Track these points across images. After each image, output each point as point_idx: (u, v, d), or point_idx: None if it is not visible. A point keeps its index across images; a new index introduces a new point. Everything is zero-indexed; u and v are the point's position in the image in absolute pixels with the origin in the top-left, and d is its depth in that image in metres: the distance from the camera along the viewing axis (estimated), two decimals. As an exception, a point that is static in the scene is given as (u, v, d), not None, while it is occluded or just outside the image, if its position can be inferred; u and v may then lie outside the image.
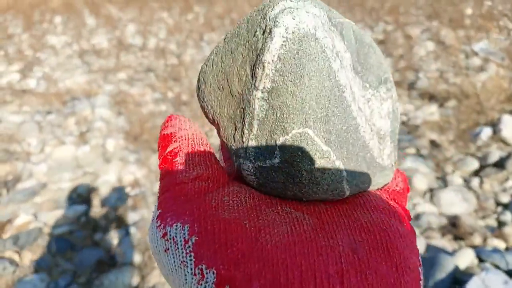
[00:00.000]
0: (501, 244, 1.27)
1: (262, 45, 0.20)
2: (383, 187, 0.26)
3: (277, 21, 0.20)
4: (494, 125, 1.91)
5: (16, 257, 1.35)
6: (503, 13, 4.98)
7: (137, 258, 1.35)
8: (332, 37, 0.21)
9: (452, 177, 1.60)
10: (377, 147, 0.24)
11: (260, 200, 0.21)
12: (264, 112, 0.21)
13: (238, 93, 0.22)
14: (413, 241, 0.21)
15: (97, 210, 1.55)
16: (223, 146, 0.25)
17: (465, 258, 1.18)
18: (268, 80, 0.20)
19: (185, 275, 0.18)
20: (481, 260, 1.19)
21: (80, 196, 1.67)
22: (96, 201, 1.62)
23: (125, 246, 1.40)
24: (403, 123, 2.12)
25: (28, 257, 1.35)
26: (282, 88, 0.20)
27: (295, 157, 0.20)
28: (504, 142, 1.80)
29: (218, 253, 0.17)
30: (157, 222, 0.20)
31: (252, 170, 0.22)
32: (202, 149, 0.24)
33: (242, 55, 0.22)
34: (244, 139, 0.22)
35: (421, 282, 0.20)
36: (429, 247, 1.25)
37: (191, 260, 0.18)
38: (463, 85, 2.44)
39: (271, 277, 0.17)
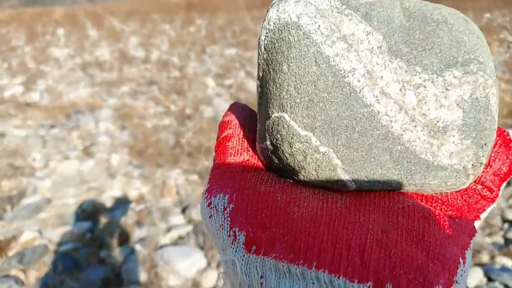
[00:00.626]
0: (509, 262, 1.26)
1: (259, 38, 0.22)
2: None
3: (266, 15, 0.21)
4: (498, 140, 1.92)
5: (21, 276, 1.34)
6: (502, 25, 5.04)
7: (143, 276, 1.35)
8: (336, 21, 0.20)
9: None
10: (424, 141, 0.21)
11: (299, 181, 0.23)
12: (259, 98, 0.23)
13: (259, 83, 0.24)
14: (461, 236, 0.20)
15: (102, 226, 1.55)
16: None
17: (474, 277, 1.17)
18: (260, 69, 0.22)
19: (223, 237, 0.20)
20: (490, 279, 1.19)
21: (85, 212, 1.66)
22: (101, 217, 1.62)
23: (131, 263, 1.39)
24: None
25: (34, 275, 1.34)
26: (267, 75, 0.21)
27: (277, 140, 0.22)
28: (508, 157, 1.80)
29: (249, 218, 0.20)
30: (205, 193, 0.22)
31: (259, 151, 0.24)
32: (252, 136, 0.26)
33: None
34: (257, 122, 0.24)
35: (457, 277, 0.19)
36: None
37: (227, 224, 0.20)
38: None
39: (292, 242, 0.18)
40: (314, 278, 0.18)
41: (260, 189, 0.21)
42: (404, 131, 0.21)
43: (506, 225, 1.43)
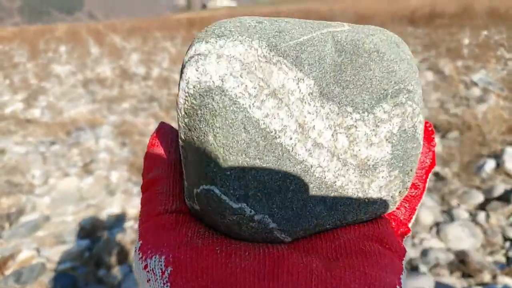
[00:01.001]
0: (511, 282, 1.25)
1: (177, 97, 0.20)
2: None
3: (183, 73, 0.19)
4: (498, 157, 1.92)
5: (18, 295, 1.33)
6: (500, 42, 5.08)
7: (141, 295, 1.33)
8: (264, 75, 0.19)
9: (457, 210, 1.59)
10: (356, 183, 0.21)
11: None
12: (184, 161, 0.21)
13: None
14: (395, 262, 0.21)
15: (100, 244, 1.53)
16: None
17: (476, 298, 1.16)
18: (182, 132, 0.20)
19: None
20: (492, 299, 1.17)
21: (84, 230, 1.65)
22: (99, 235, 1.61)
23: (129, 282, 1.37)
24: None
25: (31, 295, 1.33)
26: (191, 143, 0.20)
27: (208, 210, 0.20)
28: (508, 174, 1.80)
29: (190, 281, 0.18)
30: (139, 254, 0.21)
31: (189, 208, 0.22)
32: (181, 176, 0.24)
33: None
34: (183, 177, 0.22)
35: None
36: (438, 285, 1.23)
37: None
38: (465, 116, 2.47)
39: None
40: None
41: (198, 245, 0.20)
42: (336, 177, 0.21)
43: (507, 244, 1.42)
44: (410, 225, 0.23)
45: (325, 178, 0.20)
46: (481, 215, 1.56)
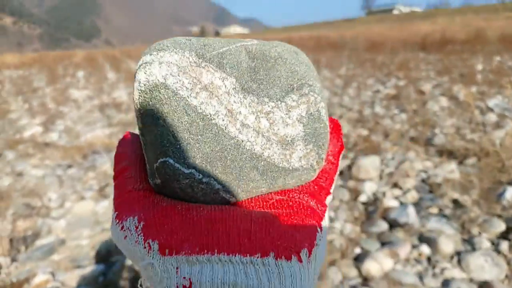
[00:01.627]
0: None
1: (133, 95, 0.25)
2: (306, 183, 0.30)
3: (135, 77, 0.24)
4: (518, 184, 1.88)
5: (32, 320, 1.32)
6: (514, 68, 5.06)
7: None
8: (196, 75, 0.24)
9: (479, 239, 1.55)
10: (280, 154, 0.27)
11: None
12: (143, 145, 0.26)
13: None
14: (315, 212, 0.27)
15: (115, 269, 1.52)
16: None
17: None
18: (139, 122, 0.25)
19: (139, 250, 0.24)
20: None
21: (98, 254, 1.65)
22: (114, 260, 1.60)
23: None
24: (423, 181, 2.10)
25: (45, 320, 1.32)
26: (146, 129, 0.25)
27: (165, 178, 0.25)
28: (530, 202, 1.75)
29: (158, 229, 0.24)
30: (116, 221, 0.26)
31: (153, 186, 0.27)
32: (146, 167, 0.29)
33: None
34: (146, 162, 0.27)
35: (317, 241, 0.25)
36: (462, 318, 1.18)
37: (141, 238, 0.24)
38: (482, 142, 2.43)
39: (196, 239, 0.23)
40: (217, 260, 0.22)
41: (162, 205, 0.25)
42: (263, 150, 0.26)
43: (532, 275, 1.37)
44: (331, 190, 0.30)
45: (254, 150, 0.26)
46: (504, 244, 1.51)
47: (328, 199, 0.30)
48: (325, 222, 0.27)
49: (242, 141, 0.25)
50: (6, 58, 11.52)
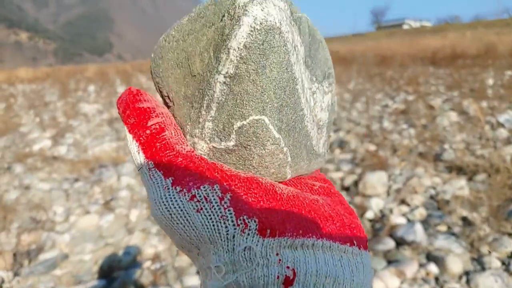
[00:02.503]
0: None
1: (229, 30, 0.21)
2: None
3: (246, 10, 0.20)
4: (529, 202, 1.83)
5: (31, 337, 1.30)
6: (525, 83, 4.99)
7: None
8: (292, 31, 0.22)
9: (489, 259, 1.50)
10: (316, 137, 0.26)
11: None
12: (224, 96, 0.22)
13: (199, 74, 0.23)
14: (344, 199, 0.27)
15: (117, 286, 1.51)
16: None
17: None
18: (232, 66, 0.21)
19: (227, 227, 0.20)
20: None
21: (101, 270, 1.64)
22: (116, 276, 1.59)
23: (143, 327, 1.33)
24: (431, 197, 2.06)
25: (43, 337, 1.30)
26: (245, 75, 0.21)
27: (250, 141, 0.22)
28: (542, 221, 1.70)
29: (253, 205, 0.21)
30: (175, 188, 0.21)
31: (206, 150, 0.23)
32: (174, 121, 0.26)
33: (206, 37, 0.22)
34: (201, 120, 0.23)
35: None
36: None
37: (231, 213, 0.20)
38: (492, 158, 2.39)
39: (297, 220, 0.21)
40: (320, 246, 0.21)
41: (241, 176, 0.22)
42: (311, 129, 0.25)
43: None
44: None
45: (308, 127, 0.24)
46: (515, 265, 1.46)
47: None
48: None
49: (305, 115, 0.24)
50: (20, 73, 11.78)
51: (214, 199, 0.20)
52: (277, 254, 0.20)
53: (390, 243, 1.65)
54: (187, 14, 0.24)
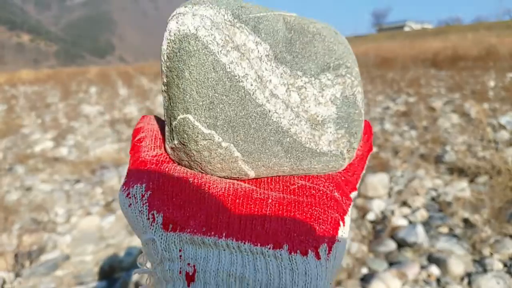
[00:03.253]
0: None
1: (161, 47, 0.24)
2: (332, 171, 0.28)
3: (166, 27, 0.23)
4: (531, 204, 1.82)
5: (32, 337, 1.30)
6: (527, 85, 4.99)
7: None
8: (229, 33, 0.23)
9: (490, 260, 1.49)
10: (307, 133, 0.25)
11: None
12: (166, 102, 0.25)
13: None
14: (340, 205, 0.25)
15: (118, 286, 1.51)
16: None
17: None
18: (164, 76, 0.24)
19: (142, 221, 0.22)
20: None
21: (102, 271, 1.64)
22: (117, 277, 1.59)
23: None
24: (433, 199, 2.05)
25: (45, 338, 1.30)
26: (171, 81, 0.23)
27: (183, 139, 0.24)
28: (544, 223, 1.70)
29: (165, 201, 0.22)
30: (123, 187, 0.25)
31: (169, 151, 0.26)
32: (163, 137, 0.29)
33: None
34: (165, 125, 0.26)
35: (338, 236, 0.23)
36: None
37: (146, 209, 0.22)
38: (494, 159, 2.38)
39: (204, 218, 0.21)
40: (224, 245, 0.21)
41: (174, 176, 0.24)
42: (291, 125, 0.25)
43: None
44: (357, 186, 0.28)
45: (281, 123, 0.24)
46: (517, 267, 1.46)
47: (353, 194, 0.28)
48: (348, 217, 0.25)
49: (269, 111, 0.24)
50: (22, 74, 11.81)
51: (139, 196, 0.23)
52: (180, 250, 0.21)
53: (391, 245, 1.65)
54: None
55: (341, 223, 0.24)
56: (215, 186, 0.23)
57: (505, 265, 1.49)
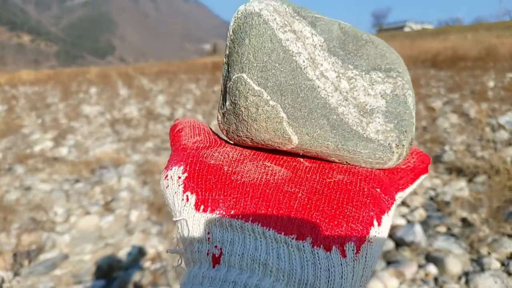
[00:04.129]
0: None
1: (228, 26, 0.27)
2: (382, 167, 0.27)
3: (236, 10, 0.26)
4: (529, 203, 1.82)
5: (30, 336, 1.31)
6: (527, 85, 4.98)
7: None
8: (289, 20, 0.25)
9: (488, 259, 1.50)
10: (355, 117, 0.26)
11: (245, 156, 0.27)
12: (224, 72, 0.27)
13: None
14: (378, 203, 0.24)
15: (116, 286, 1.51)
16: None
17: None
18: (227, 48, 0.27)
19: (178, 201, 0.23)
20: None
21: (100, 270, 1.64)
22: (116, 276, 1.59)
23: (142, 327, 1.33)
24: (431, 199, 2.05)
25: (43, 336, 1.30)
26: (232, 50, 0.26)
27: (235, 96, 0.25)
28: (542, 222, 1.70)
29: (199, 183, 0.23)
30: (164, 170, 0.26)
31: (220, 119, 0.28)
32: (201, 126, 0.31)
33: None
34: (220, 97, 0.29)
35: (370, 236, 0.22)
36: None
37: (181, 190, 0.24)
38: (492, 159, 2.39)
39: (233, 201, 0.22)
40: (250, 230, 0.21)
41: (210, 162, 0.25)
42: (339, 105, 0.26)
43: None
44: (404, 191, 0.27)
45: (328, 100, 0.25)
46: (514, 266, 1.46)
47: (399, 195, 0.26)
48: (387, 217, 0.24)
49: (318, 87, 0.25)
50: (22, 75, 11.82)
51: (175, 178, 0.24)
52: (208, 233, 0.22)
53: (389, 244, 1.65)
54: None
55: (375, 222, 0.23)
56: (248, 175, 0.24)
57: (502, 264, 1.49)
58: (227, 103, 0.27)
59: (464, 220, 1.80)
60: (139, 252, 1.75)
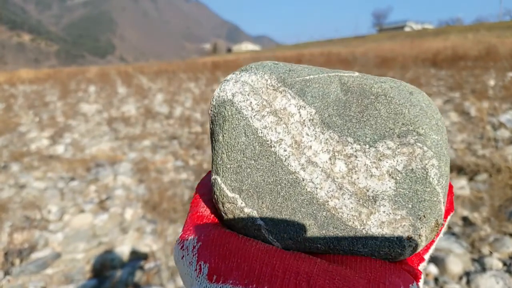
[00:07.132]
0: None
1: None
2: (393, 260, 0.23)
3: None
4: (532, 202, 1.79)
5: (18, 337, 1.27)
6: (527, 84, 4.95)
7: None
8: (269, 98, 0.23)
9: (489, 259, 1.46)
10: (351, 209, 0.22)
11: None
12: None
13: None
14: (403, 271, 0.22)
15: (107, 285, 1.48)
16: None
17: None
18: (210, 136, 0.26)
19: (191, 272, 0.23)
20: None
21: (93, 269, 1.60)
22: (108, 276, 1.55)
23: (134, 327, 1.30)
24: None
25: (31, 337, 1.27)
26: (212, 144, 0.25)
27: (215, 198, 0.24)
28: (544, 221, 1.66)
29: (212, 252, 0.22)
30: (178, 240, 0.25)
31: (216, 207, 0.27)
32: None
33: None
34: None
35: None
36: None
37: (195, 259, 0.23)
38: (493, 158, 2.35)
39: (247, 269, 0.21)
40: None
41: (225, 230, 0.24)
42: (330, 198, 0.22)
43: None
44: (426, 256, 0.24)
45: (316, 194, 0.22)
46: (517, 265, 1.42)
47: (422, 265, 0.24)
48: (414, 287, 0.21)
49: (303, 180, 0.22)
50: (21, 74, 11.79)
51: (190, 248, 0.24)
52: None
53: (388, 243, 1.62)
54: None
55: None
56: (254, 244, 0.23)
57: (504, 264, 1.46)
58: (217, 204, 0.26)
59: (465, 219, 1.77)
60: (133, 251, 1.71)
